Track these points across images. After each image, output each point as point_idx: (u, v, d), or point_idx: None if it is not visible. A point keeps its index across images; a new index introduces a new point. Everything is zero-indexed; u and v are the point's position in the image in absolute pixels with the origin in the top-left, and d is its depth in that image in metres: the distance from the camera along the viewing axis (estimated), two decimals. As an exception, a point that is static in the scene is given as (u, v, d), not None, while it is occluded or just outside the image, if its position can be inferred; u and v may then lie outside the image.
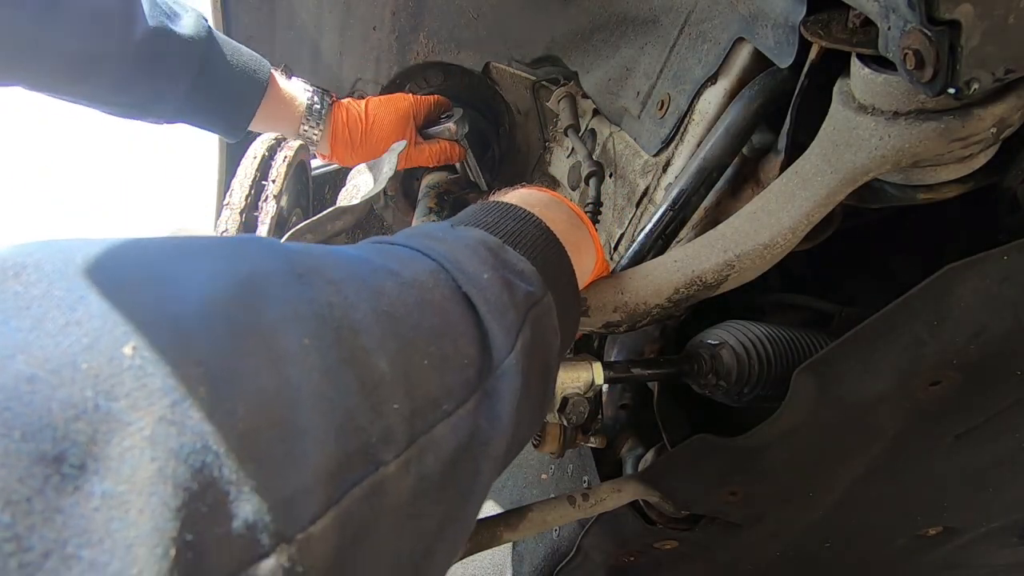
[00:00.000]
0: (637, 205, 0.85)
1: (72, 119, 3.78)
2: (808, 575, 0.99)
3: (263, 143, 1.12)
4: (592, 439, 0.76)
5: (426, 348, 0.33)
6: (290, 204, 1.20)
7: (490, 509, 0.98)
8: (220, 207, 1.08)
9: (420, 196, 1.19)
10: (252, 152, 1.11)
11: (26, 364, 0.21)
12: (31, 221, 3.83)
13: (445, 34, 1.11)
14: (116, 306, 0.24)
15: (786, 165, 0.60)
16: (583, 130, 1.02)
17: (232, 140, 0.97)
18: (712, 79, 0.71)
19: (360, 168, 1.00)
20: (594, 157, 0.95)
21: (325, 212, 0.78)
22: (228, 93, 0.89)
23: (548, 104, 1.10)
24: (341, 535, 0.26)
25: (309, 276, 0.31)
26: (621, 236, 0.88)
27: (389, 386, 0.30)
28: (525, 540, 1.18)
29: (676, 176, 0.76)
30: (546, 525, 0.78)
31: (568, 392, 0.64)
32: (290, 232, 0.76)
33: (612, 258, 0.90)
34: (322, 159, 1.07)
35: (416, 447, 0.30)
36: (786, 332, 0.69)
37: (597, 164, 0.92)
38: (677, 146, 0.77)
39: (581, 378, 0.65)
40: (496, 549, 0.97)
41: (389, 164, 0.86)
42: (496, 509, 0.85)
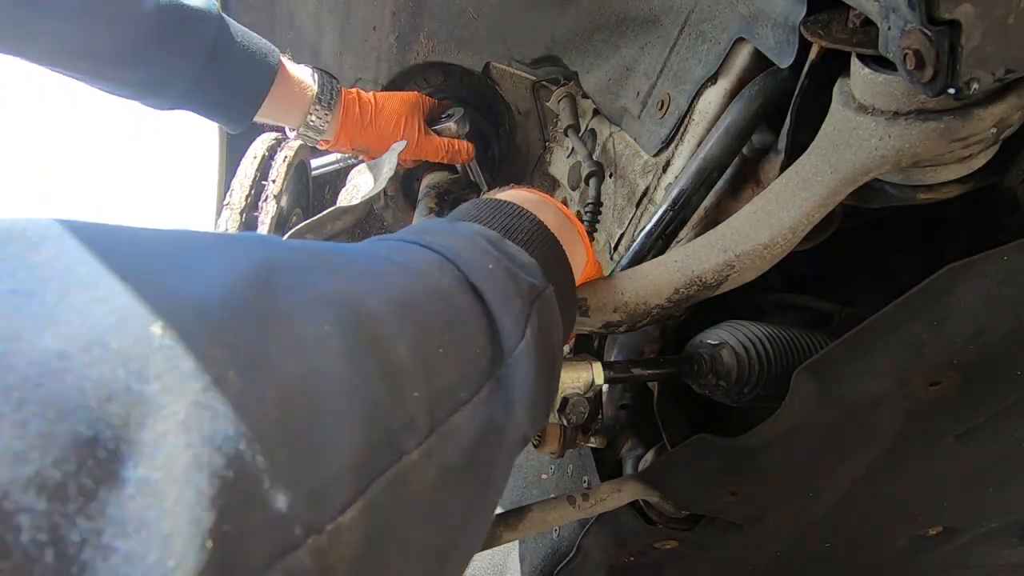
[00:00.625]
0: (637, 205, 0.85)
1: (72, 119, 3.78)
2: (808, 575, 0.99)
3: (263, 143, 1.12)
4: (592, 439, 0.76)
5: (440, 336, 0.33)
6: (290, 204, 1.19)
7: (490, 509, 0.98)
8: (220, 207, 1.08)
9: (420, 196, 1.19)
10: (252, 152, 1.10)
11: (55, 339, 0.20)
12: (31, 221, 3.82)
13: (445, 34, 1.11)
14: (139, 287, 0.23)
15: (786, 165, 0.60)
16: (583, 130, 1.02)
17: (235, 129, 0.95)
18: (712, 79, 0.71)
19: (360, 168, 1.00)
20: (594, 157, 0.95)
21: (325, 212, 0.78)
22: (240, 75, 0.88)
23: (548, 104, 1.10)
24: (369, 526, 0.25)
25: (320, 266, 0.30)
26: (621, 236, 0.88)
27: (409, 374, 0.30)
28: (525, 540, 1.18)
29: (676, 176, 0.76)
30: (546, 525, 0.78)
31: (568, 392, 0.64)
32: (290, 232, 0.76)
33: (612, 258, 0.90)
34: (323, 146, 1.06)
35: (436, 436, 0.30)
36: (786, 332, 0.69)
37: (597, 164, 0.92)
38: (677, 146, 0.77)
39: (581, 378, 0.65)
40: (496, 549, 0.97)
41: (389, 164, 0.85)
42: (496, 509, 0.85)
